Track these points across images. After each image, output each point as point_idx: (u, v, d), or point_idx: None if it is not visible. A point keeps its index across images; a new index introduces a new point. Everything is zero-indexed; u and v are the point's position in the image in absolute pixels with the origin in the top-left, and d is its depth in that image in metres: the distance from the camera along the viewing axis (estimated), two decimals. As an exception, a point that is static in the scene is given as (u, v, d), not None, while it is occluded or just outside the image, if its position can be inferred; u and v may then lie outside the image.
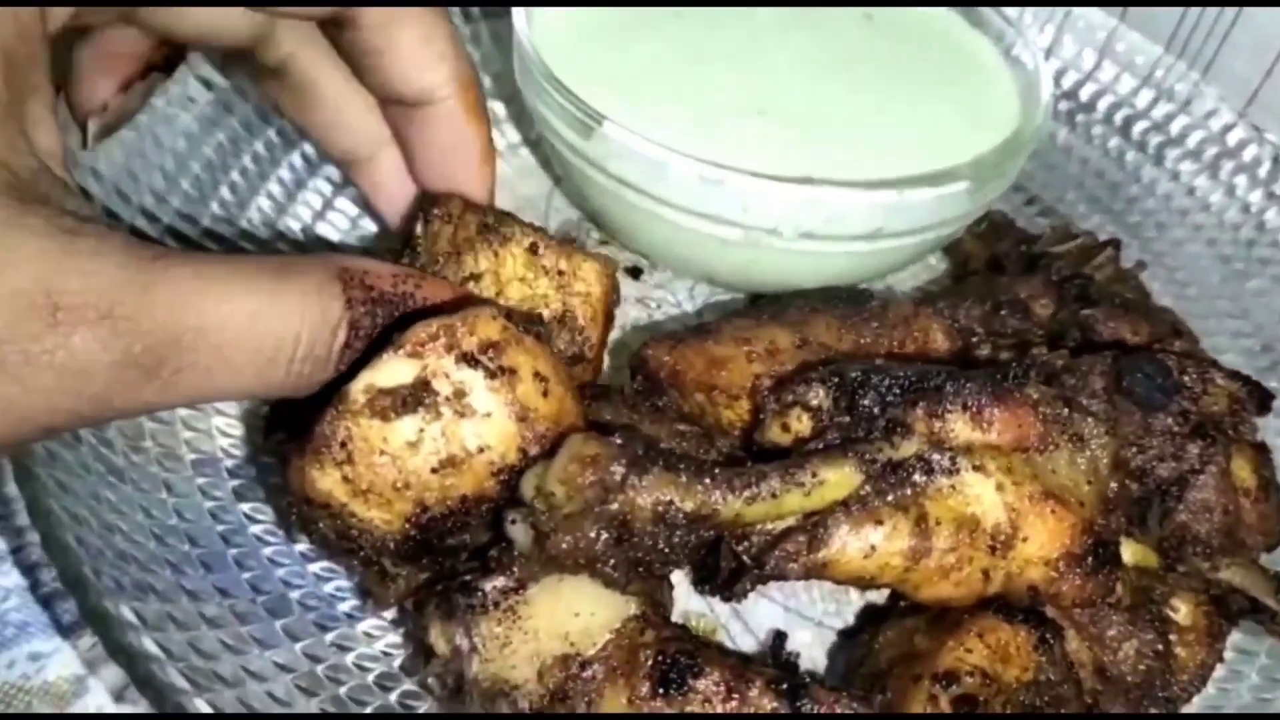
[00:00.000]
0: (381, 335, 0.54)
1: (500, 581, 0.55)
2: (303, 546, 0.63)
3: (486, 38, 0.94)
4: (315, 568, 0.63)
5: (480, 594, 0.55)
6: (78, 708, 0.60)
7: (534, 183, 0.90)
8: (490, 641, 0.54)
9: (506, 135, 0.92)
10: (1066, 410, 0.57)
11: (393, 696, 0.59)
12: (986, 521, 0.57)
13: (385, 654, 0.61)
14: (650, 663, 0.54)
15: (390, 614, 0.62)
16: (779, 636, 0.67)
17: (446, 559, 0.58)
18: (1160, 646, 0.62)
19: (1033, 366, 0.60)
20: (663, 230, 0.76)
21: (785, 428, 0.60)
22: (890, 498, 0.56)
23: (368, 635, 0.61)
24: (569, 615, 0.55)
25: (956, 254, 0.88)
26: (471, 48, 0.93)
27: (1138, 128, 0.98)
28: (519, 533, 0.53)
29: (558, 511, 0.52)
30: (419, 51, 0.61)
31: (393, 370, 0.54)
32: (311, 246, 0.80)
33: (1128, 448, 0.60)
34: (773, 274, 0.77)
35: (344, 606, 0.62)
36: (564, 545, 0.52)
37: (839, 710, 0.54)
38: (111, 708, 0.60)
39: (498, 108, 0.92)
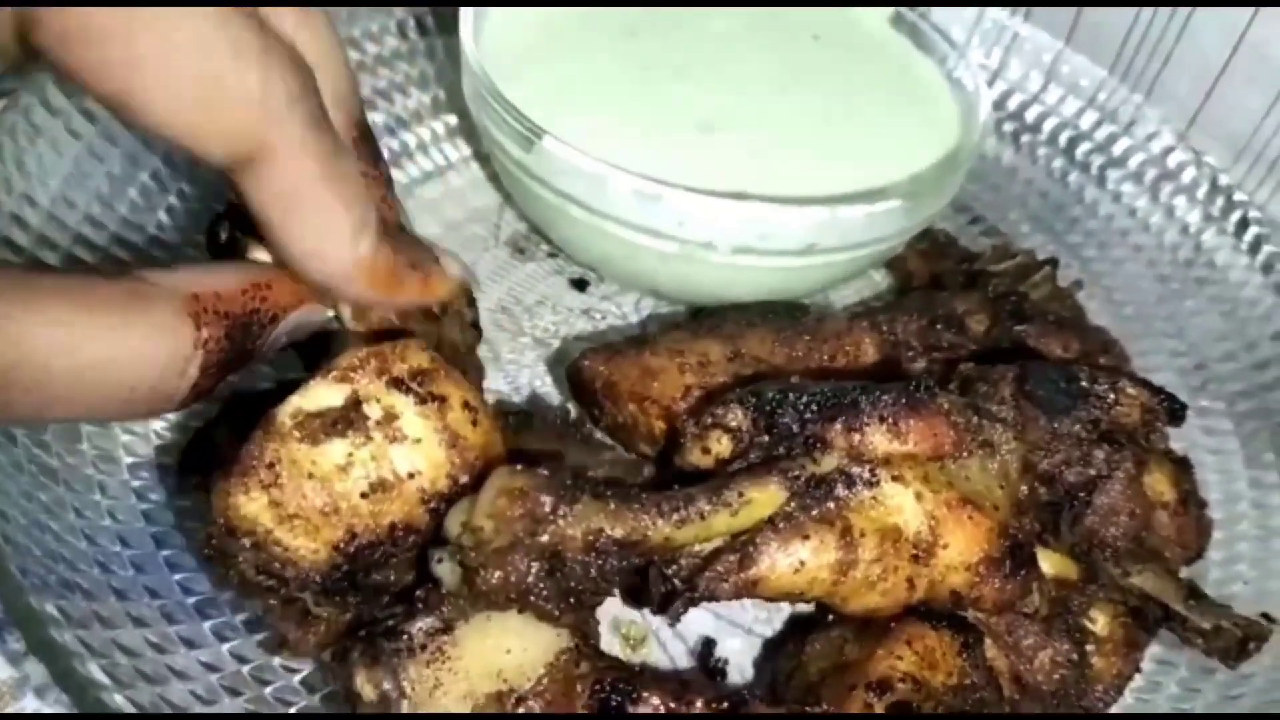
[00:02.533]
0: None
1: (426, 623, 0.54)
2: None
3: (441, 53, 0.95)
4: (248, 570, 0.63)
5: (406, 637, 0.54)
6: (16, 710, 0.60)
7: (485, 196, 0.91)
8: (419, 685, 0.53)
9: (460, 149, 0.94)
10: (976, 417, 0.59)
11: (317, 698, 0.60)
12: (908, 530, 0.57)
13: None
14: (588, 693, 0.54)
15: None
16: (708, 643, 0.68)
17: (368, 602, 0.57)
18: (1075, 656, 0.63)
19: (947, 377, 0.62)
20: (604, 244, 0.77)
21: (705, 450, 0.60)
22: (815, 512, 0.56)
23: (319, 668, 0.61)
24: (500, 652, 0.54)
25: (899, 271, 0.89)
26: (424, 62, 0.95)
27: (1081, 149, 1.00)
28: (446, 571, 0.52)
29: (486, 546, 0.52)
30: (308, 248, 0.52)
31: (321, 395, 0.54)
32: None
33: (1035, 452, 0.61)
34: (710, 287, 0.78)
35: (275, 609, 0.63)
36: (494, 580, 0.52)
37: None
38: (46, 708, 0.60)
39: (451, 121, 0.94)
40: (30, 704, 0.59)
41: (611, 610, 0.65)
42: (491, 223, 0.89)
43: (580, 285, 0.86)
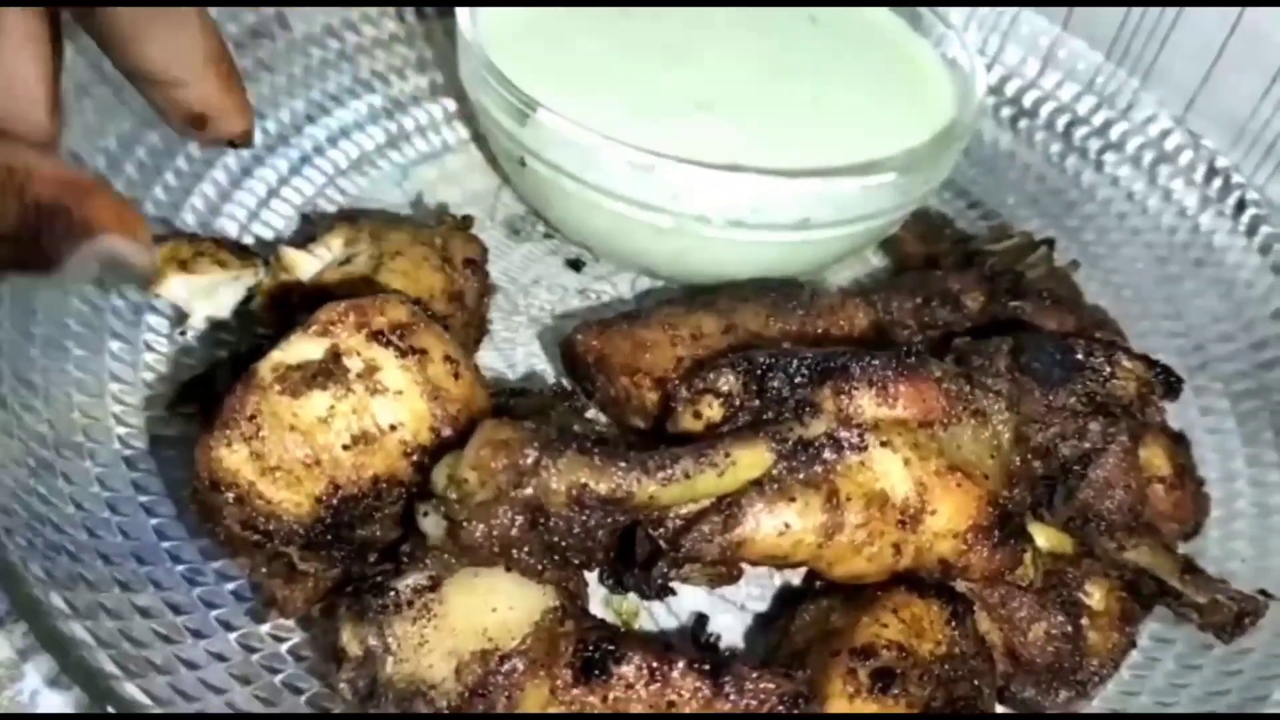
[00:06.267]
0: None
1: (413, 580, 0.54)
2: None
3: (440, 36, 0.95)
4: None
5: (393, 593, 0.54)
6: (11, 692, 0.59)
7: (482, 178, 0.91)
8: (404, 641, 0.53)
9: (457, 132, 0.94)
10: (968, 386, 0.58)
11: (304, 667, 0.59)
12: (895, 496, 0.57)
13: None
14: (571, 651, 0.53)
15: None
16: (700, 618, 0.67)
17: (355, 557, 0.57)
18: (1070, 629, 0.63)
19: (942, 352, 0.61)
20: (598, 219, 0.77)
21: (697, 415, 0.60)
22: (802, 476, 0.56)
23: (303, 626, 0.61)
24: (486, 611, 0.54)
25: (895, 252, 0.89)
26: (423, 45, 0.95)
27: (1079, 133, 1.00)
28: (431, 524, 0.52)
29: (471, 499, 0.51)
30: (169, 37, 0.58)
31: (302, 349, 0.54)
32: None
33: (1030, 424, 0.61)
34: (705, 263, 0.78)
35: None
36: (478, 533, 0.52)
37: (762, 685, 0.54)
38: (45, 693, 0.60)
39: (448, 105, 0.94)
40: (27, 687, 0.59)
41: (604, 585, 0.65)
42: (488, 204, 0.89)
43: (576, 265, 0.86)
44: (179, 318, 0.70)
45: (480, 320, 0.73)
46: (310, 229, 0.81)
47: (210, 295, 0.67)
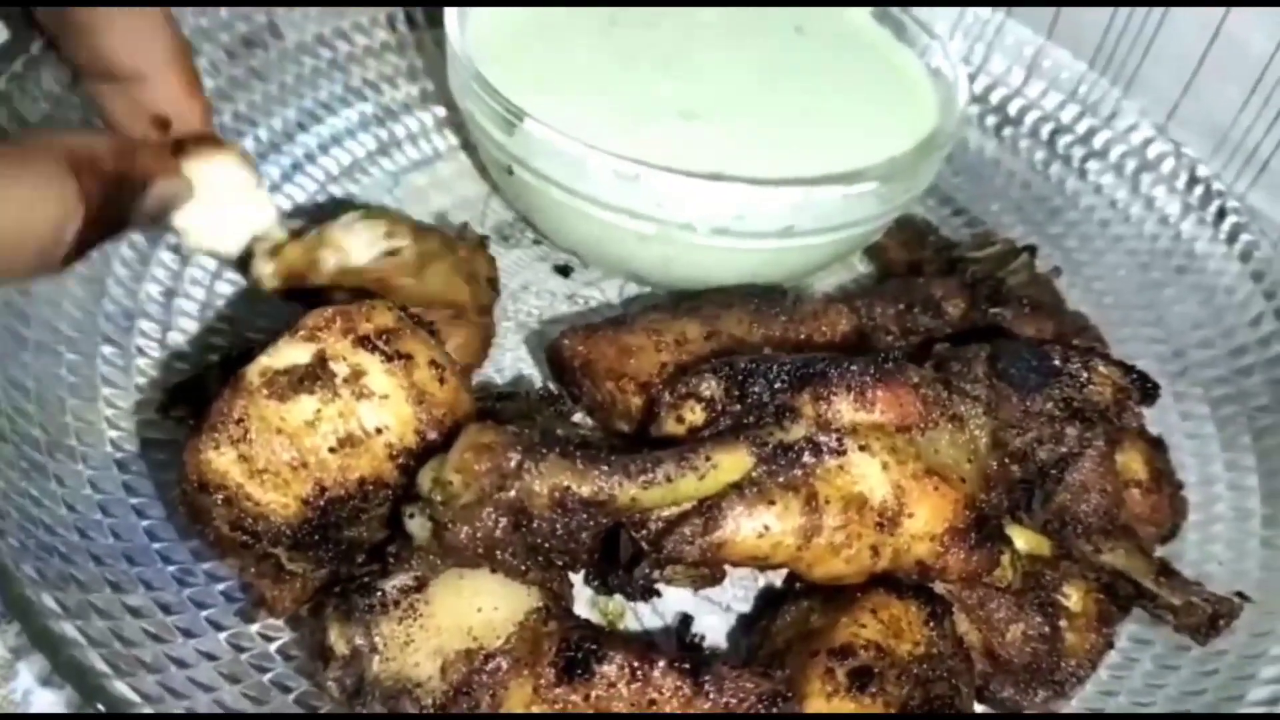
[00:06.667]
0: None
1: (400, 580, 0.55)
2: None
3: (430, 45, 0.96)
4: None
5: (380, 593, 0.55)
6: (4, 691, 0.60)
7: (472, 185, 0.93)
8: (391, 641, 0.54)
9: (448, 139, 0.95)
10: (945, 391, 0.59)
11: (293, 666, 0.60)
12: (874, 499, 0.58)
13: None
14: (554, 651, 0.54)
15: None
16: (685, 619, 0.68)
17: (342, 558, 0.58)
18: (1047, 630, 0.64)
19: (922, 357, 0.62)
20: (585, 226, 0.78)
21: (680, 420, 0.61)
22: (781, 479, 0.57)
23: (291, 625, 0.62)
24: (471, 610, 0.55)
25: (879, 259, 0.90)
26: (414, 54, 0.96)
27: (1062, 141, 1.01)
28: (417, 526, 0.53)
29: (455, 501, 0.52)
30: (132, 30, 0.59)
31: (289, 354, 0.55)
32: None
33: (1007, 429, 0.62)
34: (690, 270, 0.79)
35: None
36: (462, 535, 0.53)
37: (741, 684, 0.55)
38: (37, 691, 0.61)
39: (439, 112, 0.95)
40: (20, 686, 0.60)
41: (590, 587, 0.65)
42: (478, 210, 0.91)
43: (564, 271, 0.87)
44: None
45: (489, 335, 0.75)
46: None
47: (217, 229, 0.65)
